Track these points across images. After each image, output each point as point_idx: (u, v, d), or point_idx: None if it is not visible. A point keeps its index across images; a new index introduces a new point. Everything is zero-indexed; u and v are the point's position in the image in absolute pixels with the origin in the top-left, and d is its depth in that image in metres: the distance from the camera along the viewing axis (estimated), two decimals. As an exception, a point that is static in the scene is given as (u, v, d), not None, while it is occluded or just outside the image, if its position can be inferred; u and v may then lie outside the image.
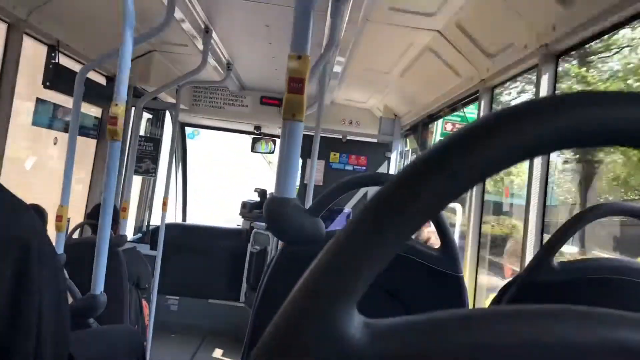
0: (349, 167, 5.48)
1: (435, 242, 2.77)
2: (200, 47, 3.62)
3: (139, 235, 5.72)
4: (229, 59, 4.44)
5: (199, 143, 12.98)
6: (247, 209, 5.90)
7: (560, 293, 1.11)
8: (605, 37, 2.33)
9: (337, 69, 4.02)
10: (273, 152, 6.36)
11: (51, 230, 2.46)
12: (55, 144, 3.81)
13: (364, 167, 5.48)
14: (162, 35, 3.88)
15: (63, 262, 2.72)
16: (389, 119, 5.42)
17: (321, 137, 5.48)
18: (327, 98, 5.30)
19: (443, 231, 1.29)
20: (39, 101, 3.38)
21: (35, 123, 3.37)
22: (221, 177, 16.26)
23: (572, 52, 2.21)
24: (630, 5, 1.76)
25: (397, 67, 3.93)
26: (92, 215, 3.78)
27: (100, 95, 4.27)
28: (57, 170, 3.56)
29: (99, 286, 2.03)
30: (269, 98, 5.64)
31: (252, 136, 6.24)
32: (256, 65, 4.67)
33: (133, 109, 4.63)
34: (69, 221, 3.33)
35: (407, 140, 5.51)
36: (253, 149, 6.31)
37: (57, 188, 2.81)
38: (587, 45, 2.34)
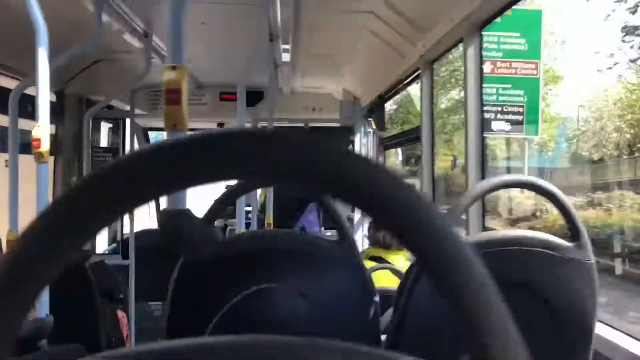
0: (314, 154, 5.48)
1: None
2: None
3: (113, 245, 5.70)
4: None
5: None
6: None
7: None
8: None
9: (286, 57, 4.01)
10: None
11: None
12: (6, 166, 3.76)
13: (329, 153, 5.49)
14: (103, 44, 3.87)
15: None
16: (349, 102, 5.42)
17: (283, 127, 5.51)
18: (285, 88, 5.30)
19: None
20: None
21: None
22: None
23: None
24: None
25: (344, 50, 3.93)
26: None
27: (51, 111, 4.23)
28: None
29: (43, 308, 2.03)
30: (227, 93, 5.60)
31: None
32: (207, 63, 4.64)
33: (89, 120, 4.59)
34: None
35: (371, 121, 5.52)
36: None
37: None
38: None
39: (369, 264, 2.40)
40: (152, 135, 6.73)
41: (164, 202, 1.29)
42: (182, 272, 1.18)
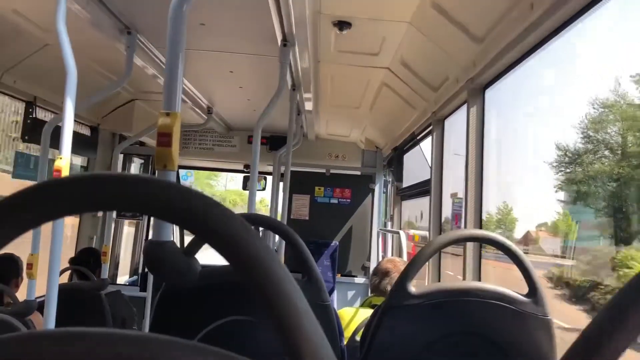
0: (334, 201, 5.58)
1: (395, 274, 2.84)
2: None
3: (134, 277, 5.86)
4: (208, 103, 4.62)
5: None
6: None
7: (416, 314, 1.21)
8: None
9: (309, 106, 4.18)
10: (265, 189, 6.50)
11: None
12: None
13: (349, 200, 5.58)
14: (137, 85, 4.12)
15: (35, 308, 2.85)
16: (370, 151, 5.54)
17: (306, 171, 5.66)
18: (311, 134, 5.47)
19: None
20: (18, 154, 3.57)
21: (15, 175, 3.55)
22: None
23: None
24: (527, 37, 1.88)
25: (364, 102, 4.07)
26: (76, 261, 3.93)
27: (84, 145, 4.48)
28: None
29: None
30: (255, 137, 5.80)
31: (244, 174, 6.40)
32: (236, 108, 4.86)
33: (120, 155, 4.82)
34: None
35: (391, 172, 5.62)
36: (245, 187, 6.46)
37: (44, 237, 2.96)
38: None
39: (369, 311, 2.46)
40: (182, 173, 6.97)
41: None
42: (162, 300, 1.28)
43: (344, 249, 5.53)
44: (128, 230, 6.84)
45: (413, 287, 1.26)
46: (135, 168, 5.80)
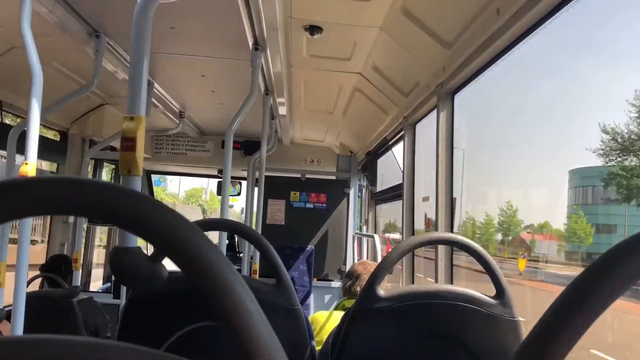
0: (310, 205, 5.57)
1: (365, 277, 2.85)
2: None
3: (108, 284, 5.77)
4: (180, 108, 4.59)
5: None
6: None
7: (385, 316, 1.21)
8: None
9: (282, 111, 4.18)
10: (240, 194, 6.47)
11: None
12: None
13: (324, 205, 5.58)
14: (107, 90, 4.07)
15: (2, 317, 2.78)
16: (345, 156, 5.56)
17: (281, 176, 5.64)
18: (286, 138, 5.46)
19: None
20: (-15, 160, 3.49)
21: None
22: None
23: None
24: (495, 42, 1.90)
25: (338, 107, 4.08)
26: (47, 268, 3.85)
27: (54, 150, 4.40)
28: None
29: None
30: (229, 142, 5.76)
31: (218, 180, 6.36)
32: (209, 113, 4.83)
33: (91, 161, 4.75)
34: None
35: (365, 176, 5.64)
36: (219, 193, 6.41)
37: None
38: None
39: (342, 314, 2.46)
40: (155, 178, 6.90)
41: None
42: (129, 307, 1.26)
43: (320, 253, 5.53)
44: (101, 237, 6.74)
45: (382, 290, 1.26)
46: (106, 174, 5.72)
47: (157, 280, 1.21)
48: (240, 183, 6.39)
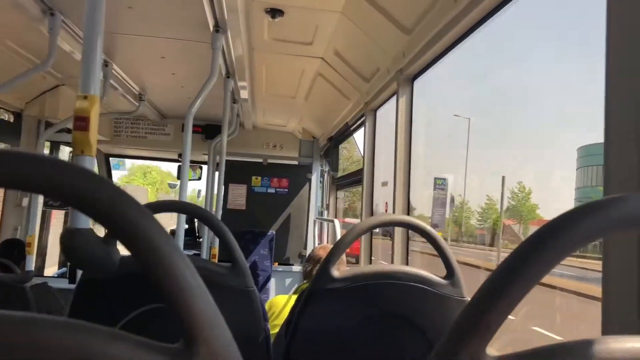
0: (272, 190, 5.57)
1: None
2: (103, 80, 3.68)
3: (64, 269, 5.65)
4: (139, 90, 4.50)
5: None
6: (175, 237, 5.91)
7: (339, 297, 1.24)
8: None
9: (244, 95, 4.15)
10: (200, 179, 6.41)
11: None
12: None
13: (286, 190, 5.58)
14: (64, 70, 3.95)
15: None
16: (308, 141, 5.57)
17: (243, 161, 5.62)
18: (248, 123, 5.43)
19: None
20: None
21: None
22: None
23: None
24: (452, 29, 1.93)
25: (300, 91, 4.07)
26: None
27: (6, 131, 4.27)
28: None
29: None
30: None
31: (178, 164, 6.28)
32: (169, 95, 4.75)
33: (47, 143, 4.63)
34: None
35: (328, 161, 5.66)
36: (179, 177, 6.33)
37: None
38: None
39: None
40: (114, 162, 6.76)
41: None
42: (80, 289, 1.25)
43: (281, 237, 5.54)
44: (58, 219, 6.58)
45: (336, 272, 1.28)
46: (63, 156, 5.58)
47: (108, 262, 1.20)
48: (200, 167, 6.32)
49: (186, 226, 6.14)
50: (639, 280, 0.82)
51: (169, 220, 12.54)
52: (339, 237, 4.73)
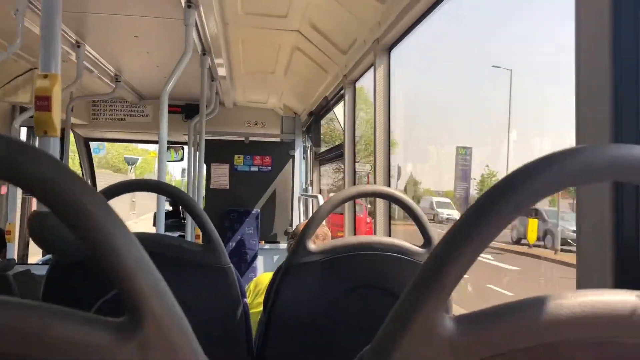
0: (255, 169, 5.53)
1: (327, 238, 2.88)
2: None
3: (48, 256, 5.60)
4: (115, 71, 4.41)
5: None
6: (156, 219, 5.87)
7: (317, 270, 1.22)
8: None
9: (222, 72, 4.08)
10: (182, 160, 6.35)
11: None
12: None
13: (269, 167, 5.55)
14: (36, 54, 3.85)
15: None
16: (289, 117, 5.52)
17: (225, 140, 5.56)
18: (228, 101, 5.36)
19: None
20: None
21: None
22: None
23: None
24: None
25: (279, 67, 4.02)
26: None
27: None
28: None
29: None
30: (170, 106, 5.59)
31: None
32: (146, 75, 4.67)
33: (21, 129, 4.54)
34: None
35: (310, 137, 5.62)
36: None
37: None
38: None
39: None
40: (94, 146, 6.67)
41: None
42: (51, 273, 1.22)
43: (266, 216, 5.53)
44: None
45: (313, 245, 1.27)
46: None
47: (79, 245, 1.17)
48: (182, 148, 6.26)
49: (170, 208, 6.09)
50: (612, 238, 0.82)
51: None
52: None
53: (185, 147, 6.29)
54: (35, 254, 6.00)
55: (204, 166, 5.20)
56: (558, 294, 0.41)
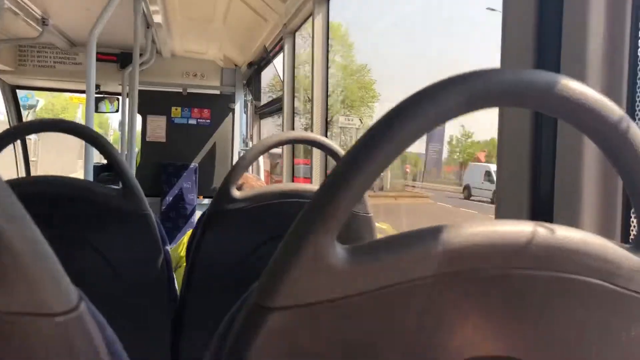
0: (193, 122, 5.39)
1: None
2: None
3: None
4: (42, 14, 4.14)
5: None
6: (95, 174, 5.66)
7: (240, 218, 1.20)
8: None
9: (158, 19, 3.91)
10: (118, 111, 6.11)
11: None
12: None
13: (208, 121, 5.42)
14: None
15: None
16: (229, 69, 5.38)
17: (161, 91, 5.37)
18: (165, 50, 5.16)
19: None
20: None
21: None
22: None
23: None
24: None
25: (217, 14, 3.87)
26: None
27: None
28: None
29: None
30: (104, 54, 5.34)
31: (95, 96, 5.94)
32: (76, 20, 4.40)
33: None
34: None
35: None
36: (97, 110, 6.00)
37: None
38: None
39: None
40: (21, 94, 6.32)
41: None
42: None
43: (205, 170, 5.42)
44: None
45: (237, 192, 1.24)
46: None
47: None
48: (118, 99, 6.01)
49: (105, 161, 5.89)
50: (530, 171, 0.83)
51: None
52: (262, 167, 4.69)
53: (121, 98, 6.05)
54: None
55: (139, 118, 5.02)
56: (456, 225, 0.40)
